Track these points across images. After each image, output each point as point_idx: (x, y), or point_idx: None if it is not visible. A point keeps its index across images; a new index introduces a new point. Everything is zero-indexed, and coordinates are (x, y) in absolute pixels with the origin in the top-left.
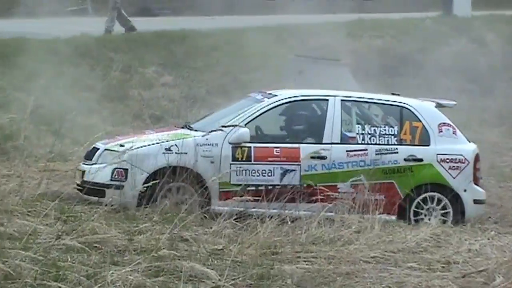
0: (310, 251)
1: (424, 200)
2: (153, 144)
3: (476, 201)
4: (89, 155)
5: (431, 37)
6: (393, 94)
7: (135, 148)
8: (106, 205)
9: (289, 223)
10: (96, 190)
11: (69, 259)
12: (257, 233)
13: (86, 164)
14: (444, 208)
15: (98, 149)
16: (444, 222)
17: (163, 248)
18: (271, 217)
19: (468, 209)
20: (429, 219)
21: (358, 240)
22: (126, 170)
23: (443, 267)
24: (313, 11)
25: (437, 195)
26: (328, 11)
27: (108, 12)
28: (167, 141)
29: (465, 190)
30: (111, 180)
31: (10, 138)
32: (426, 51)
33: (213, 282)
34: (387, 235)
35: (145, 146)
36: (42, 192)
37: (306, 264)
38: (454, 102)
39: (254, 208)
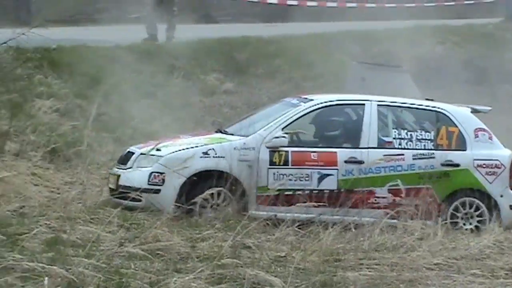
0: (373, 258)
1: (461, 206)
2: (190, 148)
3: (511, 207)
4: (123, 160)
5: (494, 43)
6: (427, 99)
7: (172, 152)
8: (167, 212)
9: (353, 230)
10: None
11: (132, 267)
12: (320, 240)
13: (121, 169)
14: (480, 213)
15: (133, 153)
16: (477, 228)
17: (226, 256)
18: (334, 224)
19: (505, 214)
20: (464, 225)
21: (421, 247)
22: (163, 174)
23: (506, 274)
24: (375, 17)
25: (474, 200)
26: (389, 17)
27: (166, 20)
28: (204, 145)
29: (501, 196)
30: (148, 184)
31: (73, 145)
32: (489, 57)
33: None
34: (450, 242)
35: (182, 150)
36: (104, 199)
37: (369, 271)
38: (489, 108)
39: (288, 213)
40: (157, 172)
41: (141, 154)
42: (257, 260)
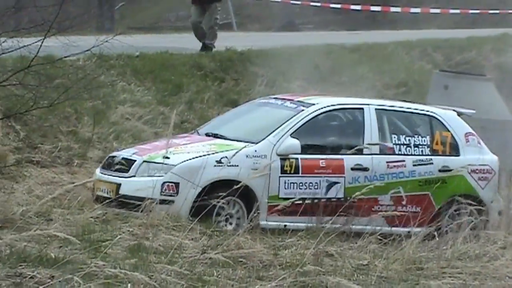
0: (455, 266)
1: (452, 213)
2: (202, 155)
3: (499, 213)
4: (109, 165)
5: None
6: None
7: (185, 161)
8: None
9: (437, 238)
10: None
11: (215, 274)
12: (402, 249)
13: (111, 175)
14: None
15: (115, 157)
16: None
17: (308, 263)
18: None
19: (492, 221)
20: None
21: (504, 256)
22: (177, 184)
23: None
24: (457, 25)
25: (467, 207)
26: (470, 25)
27: (207, 28)
28: (215, 152)
29: (491, 201)
30: (161, 194)
31: None
32: None
33: None
34: None
35: (194, 158)
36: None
37: (452, 280)
38: (473, 111)
39: (297, 222)
40: (171, 182)
41: (145, 161)
42: (339, 268)
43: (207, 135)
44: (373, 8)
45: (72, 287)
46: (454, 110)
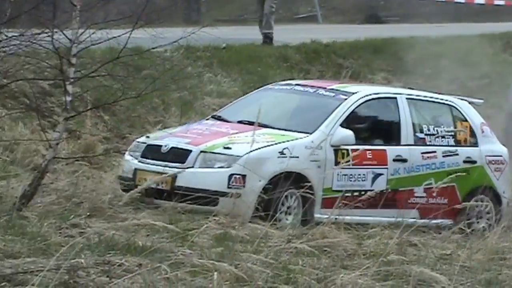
0: None
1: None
2: (266, 146)
3: (509, 205)
4: (151, 154)
5: None
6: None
7: (250, 152)
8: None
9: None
10: (204, 197)
11: (300, 263)
12: (485, 239)
13: (169, 167)
14: (488, 211)
15: (178, 148)
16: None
17: (392, 253)
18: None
19: (505, 212)
20: (478, 223)
21: None
22: (244, 176)
23: None
24: None
25: (485, 198)
26: None
27: (264, 17)
28: (277, 143)
29: (504, 192)
30: (228, 187)
31: None
32: None
33: (442, 287)
34: None
35: (259, 148)
36: None
37: None
38: (482, 100)
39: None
40: (238, 174)
41: (202, 152)
42: (423, 257)
43: (240, 122)
44: (457, 0)
45: (160, 275)
46: (463, 99)
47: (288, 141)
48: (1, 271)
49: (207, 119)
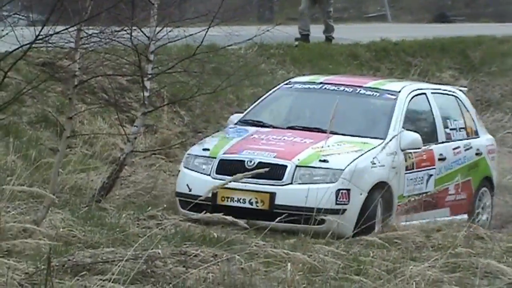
0: None
1: (480, 196)
2: (359, 156)
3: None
4: (225, 169)
5: None
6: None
7: (349, 164)
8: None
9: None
10: (308, 216)
11: (370, 254)
12: None
13: (265, 184)
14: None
15: (268, 163)
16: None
17: (460, 245)
18: None
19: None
20: (482, 215)
21: None
22: (349, 190)
23: None
24: None
25: (486, 189)
26: None
27: (323, 22)
28: (365, 152)
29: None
30: (336, 204)
31: None
32: None
33: (509, 279)
34: None
35: (355, 159)
36: None
37: None
38: (466, 88)
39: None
40: (344, 189)
41: (298, 166)
42: (490, 250)
43: (292, 128)
44: None
45: (234, 265)
46: (459, 89)
47: (370, 149)
48: (82, 260)
49: (241, 125)
